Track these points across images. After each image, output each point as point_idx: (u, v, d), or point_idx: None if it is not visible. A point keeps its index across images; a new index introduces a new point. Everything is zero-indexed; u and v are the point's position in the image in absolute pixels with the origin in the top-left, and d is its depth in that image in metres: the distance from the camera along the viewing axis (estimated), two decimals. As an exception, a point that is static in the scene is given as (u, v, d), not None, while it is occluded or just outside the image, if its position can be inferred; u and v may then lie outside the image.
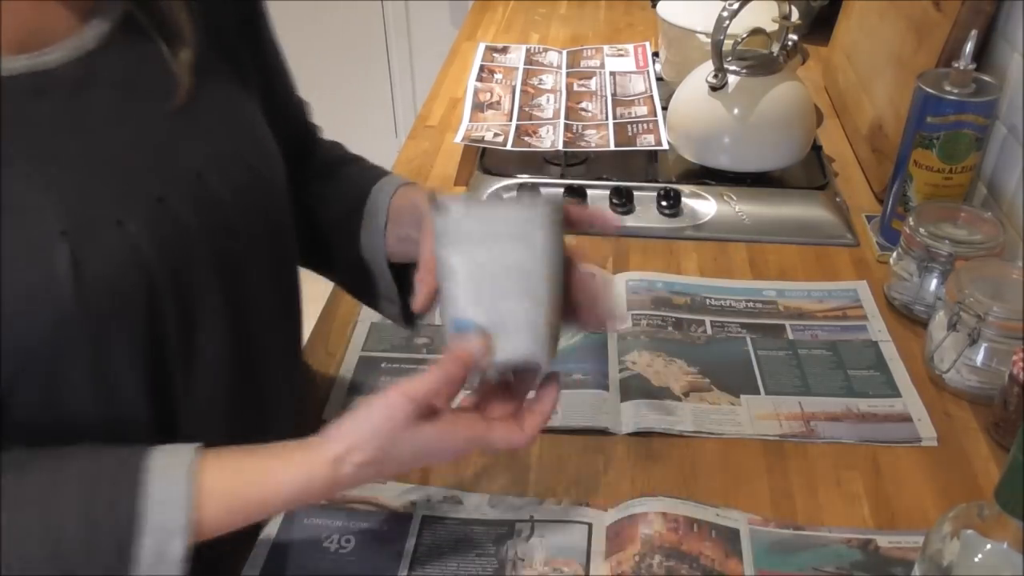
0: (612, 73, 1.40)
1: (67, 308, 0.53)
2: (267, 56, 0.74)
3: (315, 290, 0.88)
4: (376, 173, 0.80)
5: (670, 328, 0.93)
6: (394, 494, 0.73)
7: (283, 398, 0.74)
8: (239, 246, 0.63)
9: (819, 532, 0.70)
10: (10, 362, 0.53)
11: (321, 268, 0.83)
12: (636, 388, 0.84)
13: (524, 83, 1.36)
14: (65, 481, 0.53)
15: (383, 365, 0.88)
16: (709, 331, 0.93)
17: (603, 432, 0.80)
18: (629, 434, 0.80)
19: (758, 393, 0.85)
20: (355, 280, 0.81)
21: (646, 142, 1.18)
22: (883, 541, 0.69)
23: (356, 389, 0.86)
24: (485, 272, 0.56)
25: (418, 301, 0.64)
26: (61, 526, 0.51)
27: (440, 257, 0.58)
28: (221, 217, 0.61)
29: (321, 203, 0.79)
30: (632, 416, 0.81)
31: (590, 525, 0.70)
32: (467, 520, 0.71)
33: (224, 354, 0.63)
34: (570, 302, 0.62)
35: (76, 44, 0.57)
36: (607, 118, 1.25)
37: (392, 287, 0.77)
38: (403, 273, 0.76)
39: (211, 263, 0.61)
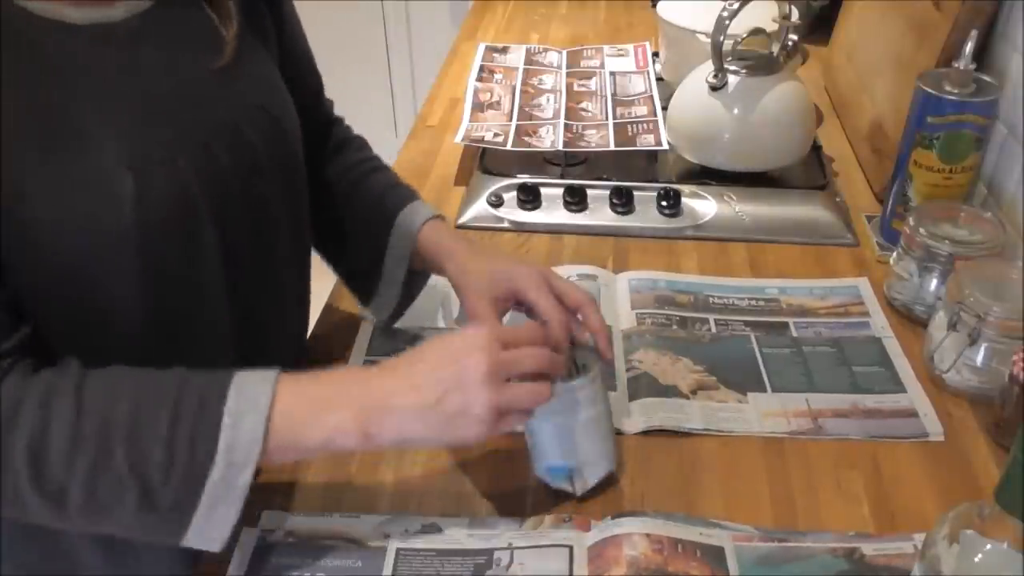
0: (612, 73, 1.40)
1: (128, 228, 0.61)
2: (286, 24, 0.81)
3: (315, 287, 0.88)
4: (404, 193, 0.87)
5: (674, 326, 0.93)
6: (368, 527, 0.70)
7: (287, 333, 0.83)
8: (265, 184, 0.72)
9: (804, 543, 0.69)
10: (72, 267, 0.61)
11: (329, 256, 0.91)
12: (644, 387, 0.84)
13: (524, 83, 1.36)
14: (155, 408, 0.59)
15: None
16: (713, 329, 0.93)
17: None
18: (635, 433, 0.80)
19: (765, 391, 0.85)
20: (359, 277, 0.89)
21: (646, 142, 1.18)
22: (868, 549, 0.68)
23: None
24: (567, 431, 0.70)
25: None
26: (143, 453, 0.58)
27: (528, 423, 0.69)
28: (252, 161, 0.71)
29: (346, 203, 0.87)
30: (641, 415, 0.81)
31: (571, 548, 0.68)
32: (443, 551, 0.68)
33: (249, 279, 0.73)
34: None
35: (136, 2, 0.65)
36: (607, 118, 1.25)
37: (396, 299, 0.86)
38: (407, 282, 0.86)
39: (242, 199, 0.70)
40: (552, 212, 1.11)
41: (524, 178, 1.14)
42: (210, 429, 0.59)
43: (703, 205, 1.11)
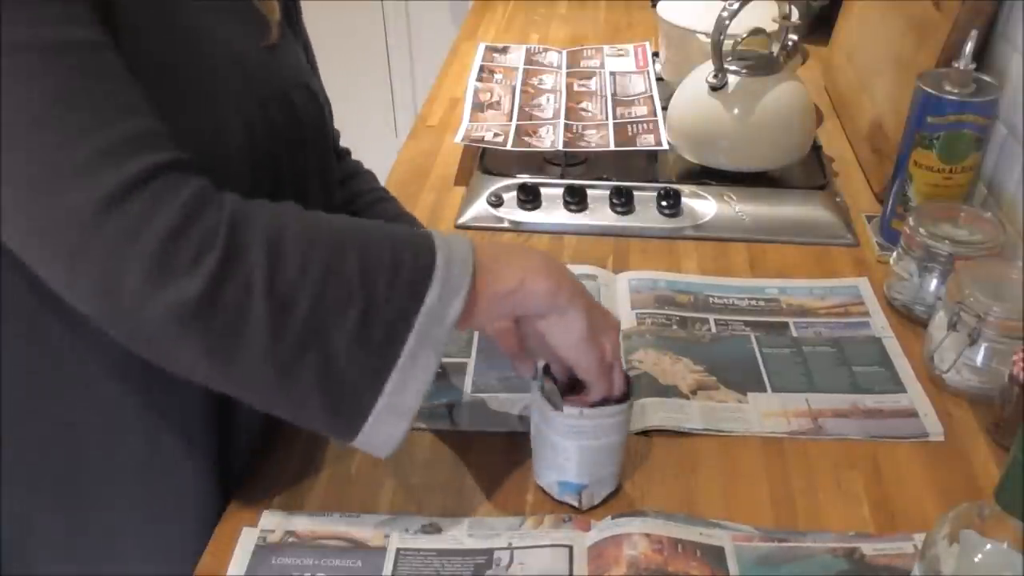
0: (612, 73, 1.40)
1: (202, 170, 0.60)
2: (302, 31, 0.85)
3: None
4: (410, 222, 0.90)
5: (674, 326, 0.93)
6: (368, 527, 0.70)
7: None
8: (306, 159, 0.74)
9: (804, 543, 0.69)
10: None
11: None
12: (644, 386, 0.84)
13: (524, 83, 1.36)
14: (375, 229, 0.62)
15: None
16: (713, 329, 0.93)
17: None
18: (635, 433, 0.80)
19: (765, 391, 0.85)
20: None
21: (646, 142, 1.18)
22: (868, 549, 0.68)
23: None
24: (590, 452, 0.70)
25: (523, 371, 0.74)
26: (374, 257, 0.59)
27: (551, 439, 0.70)
28: (299, 133, 0.72)
29: None
30: (641, 415, 0.81)
31: (571, 548, 0.68)
32: (444, 551, 0.68)
33: None
34: None
35: None
36: (607, 118, 1.25)
37: None
38: None
39: (289, 166, 0.71)
40: (552, 212, 1.11)
41: (524, 178, 1.14)
42: (427, 247, 0.61)
43: (703, 205, 1.11)
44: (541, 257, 0.67)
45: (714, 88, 1.10)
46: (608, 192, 1.11)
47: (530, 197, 1.11)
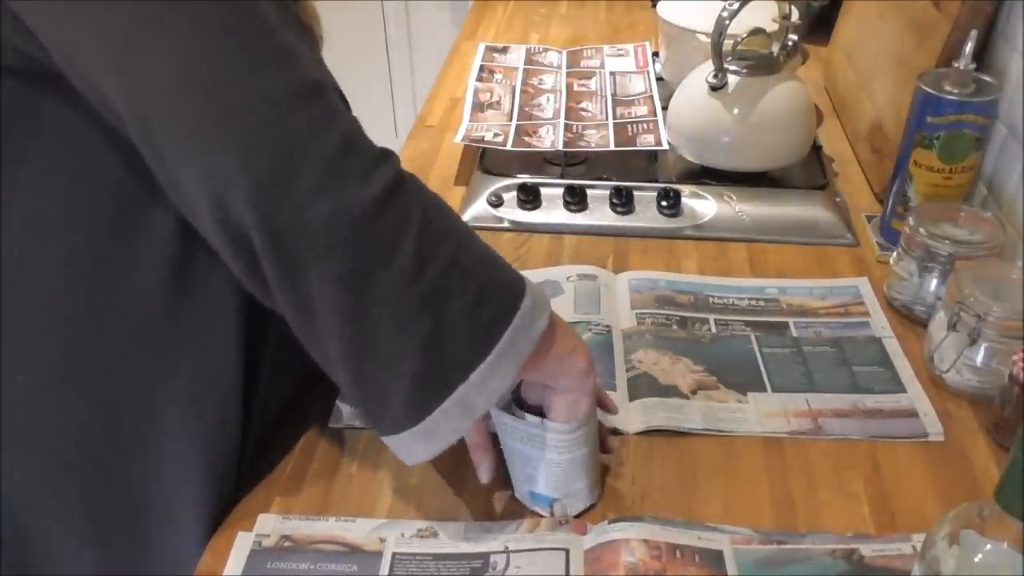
0: (612, 73, 1.40)
1: None
2: None
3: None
4: None
5: (674, 326, 0.93)
6: (364, 531, 0.70)
7: None
8: None
9: (803, 544, 0.69)
10: None
11: None
12: (644, 387, 0.84)
13: (524, 83, 1.36)
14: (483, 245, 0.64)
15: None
16: (713, 329, 0.93)
17: (611, 431, 0.79)
18: (635, 433, 0.80)
19: (765, 391, 0.85)
20: None
21: (646, 142, 1.18)
22: (867, 550, 0.68)
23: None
24: (556, 466, 0.69)
25: (487, 474, 0.72)
26: (488, 250, 0.63)
27: (517, 449, 0.70)
28: None
29: None
30: (641, 415, 0.81)
31: (567, 551, 0.68)
32: (440, 555, 0.68)
33: None
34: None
35: None
36: (607, 118, 1.25)
37: None
38: None
39: None
40: (552, 212, 1.11)
41: (524, 178, 1.14)
42: (518, 275, 0.64)
43: (703, 205, 1.11)
44: (581, 339, 0.69)
45: (714, 88, 1.10)
46: (608, 192, 1.11)
47: (530, 197, 1.11)
